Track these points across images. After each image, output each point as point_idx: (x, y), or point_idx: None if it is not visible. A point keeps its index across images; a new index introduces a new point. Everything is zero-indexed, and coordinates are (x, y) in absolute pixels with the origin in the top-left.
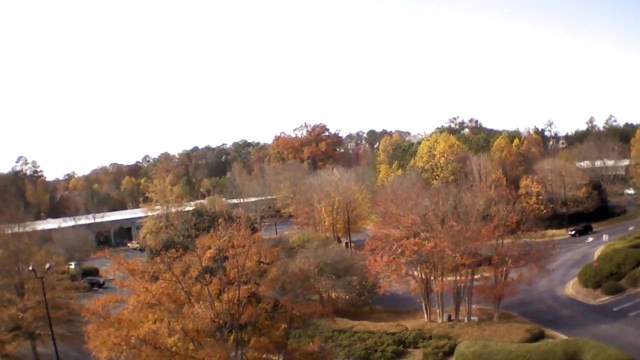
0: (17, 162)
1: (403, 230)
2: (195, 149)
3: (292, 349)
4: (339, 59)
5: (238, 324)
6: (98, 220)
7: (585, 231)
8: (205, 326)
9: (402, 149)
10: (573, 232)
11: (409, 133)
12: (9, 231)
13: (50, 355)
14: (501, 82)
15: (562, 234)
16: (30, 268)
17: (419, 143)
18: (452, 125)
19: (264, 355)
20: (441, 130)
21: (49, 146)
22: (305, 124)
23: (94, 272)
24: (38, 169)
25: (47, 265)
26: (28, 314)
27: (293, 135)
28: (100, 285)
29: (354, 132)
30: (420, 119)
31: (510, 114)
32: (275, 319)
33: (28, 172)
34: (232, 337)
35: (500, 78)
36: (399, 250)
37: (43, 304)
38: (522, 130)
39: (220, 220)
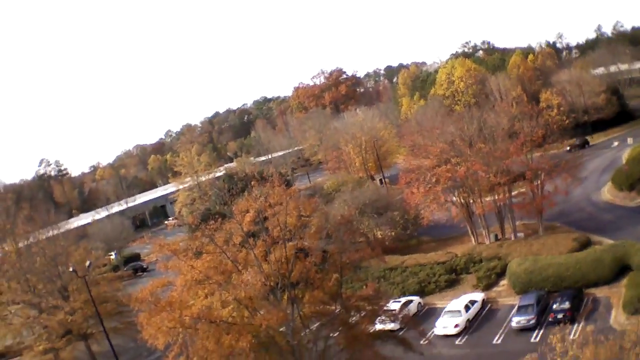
0: (39, 165)
1: (434, 159)
2: (217, 114)
3: (347, 296)
4: None
5: (290, 282)
6: (131, 204)
7: (582, 146)
8: (257, 291)
9: (421, 80)
10: (569, 148)
11: (425, 63)
12: (43, 237)
13: (107, 352)
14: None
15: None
16: (71, 269)
17: (437, 71)
18: (466, 49)
19: (321, 307)
20: (456, 55)
21: (70, 142)
22: (322, 70)
23: (136, 257)
24: (62, 168)
25: (87, 263)
26: (77, 315)
27: (312, 84)
28: (145, 270)
29: (371, 70)
30: (433, 47)
31: (520, 30)
32: (325, 270)
33: (53, 173)
34: (285, 297)
35: None
36: (434, 179)
37: (90, 303)
38: (534, 45)
39: (253, 182)
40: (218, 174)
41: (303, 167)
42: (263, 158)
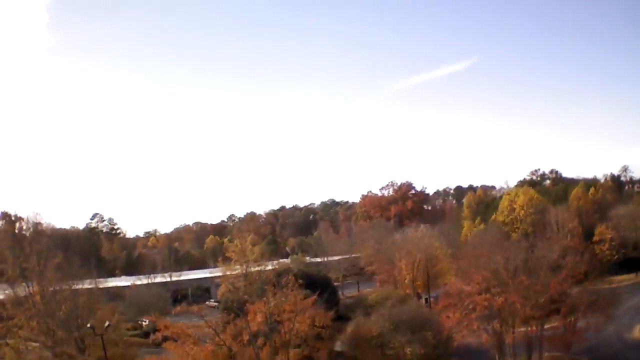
0: (91, 218)
1: (475, 286)
2: (283, 208)
3: None
4: (427, 115)
5: None
6: (175, 278)
7: None
8: None
9: (485, 205)
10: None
11: (494, 187)
12: (69, 287)
13: None
14: (579, 130)
15: (631, 278)
16: (89, 325)
17: (501, 197)
18: (534, 177)
19: None
20: (523, 183)
21: (132, 204)
22: (392, 182)
23: None
24: (115, 227)
25: (107, 323)
26: None
27: (380, 194)
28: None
29: (441, 188)
30: (504, 172)
31: (589, 160)
32: None
33: (104, 229)
34: None
35: (579, 127)
36: (471, 307)
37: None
38: (600, 175)
39: (268, 286)
40: (269, 267)
41: (356, 275)
42: (319, 259)
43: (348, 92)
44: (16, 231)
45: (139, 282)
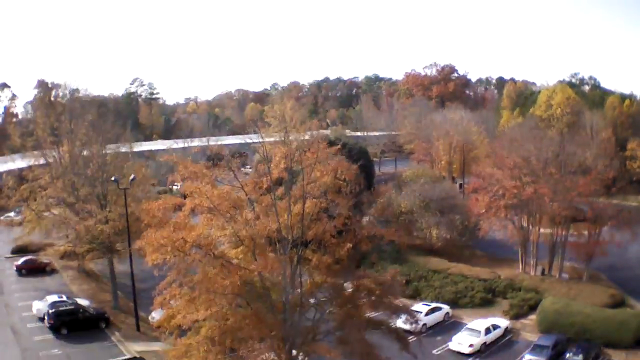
0: (131, 83)
1: (506, 172)
2: (327, 79)
3: (360, 274)
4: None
5: (302, 240)
6: (212, 143)
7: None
8: (260, 235)
9: (525, 97)
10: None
11: (534, 84)
12: (96, 146)
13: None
14: (625, 44)
15: None
16: (113, 179)
17: (540, 92)
18: (573, 80)
19: (328, 279)
20: (562, 83)
21: (173, 71)
22: (435, 63)
23: None
24: (154, 92)
25: (132, 177)
26: (108, 226)
27: (423, 73)
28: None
29: (483, 76)
30: (545, 71)
31: (629, 77)
32: (342, 237)
33: (143, 95)
34: (294, 253)
35: (625, 40)
36: (500, 192)
37: (124, 217)
38: (637, 94)
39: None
40: (307, 137)
41: (394, 152)
42: (359, 134)
43: None
44: (52, 99)
45: (175, 146)
